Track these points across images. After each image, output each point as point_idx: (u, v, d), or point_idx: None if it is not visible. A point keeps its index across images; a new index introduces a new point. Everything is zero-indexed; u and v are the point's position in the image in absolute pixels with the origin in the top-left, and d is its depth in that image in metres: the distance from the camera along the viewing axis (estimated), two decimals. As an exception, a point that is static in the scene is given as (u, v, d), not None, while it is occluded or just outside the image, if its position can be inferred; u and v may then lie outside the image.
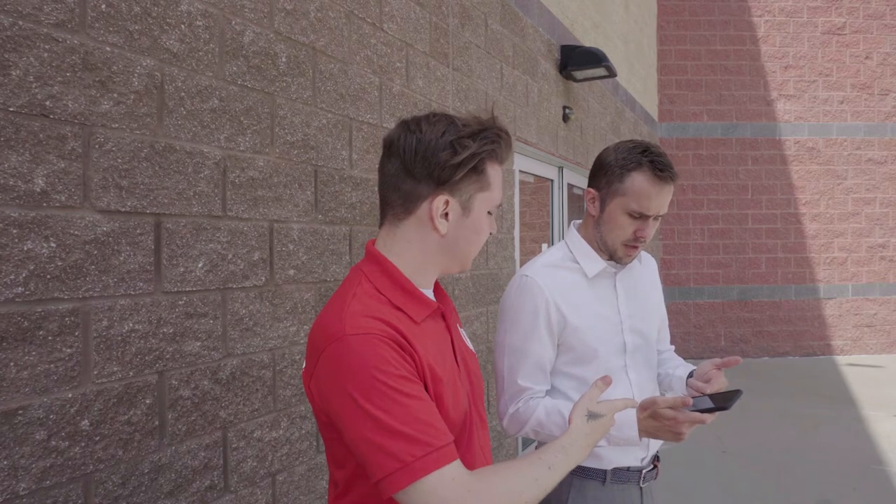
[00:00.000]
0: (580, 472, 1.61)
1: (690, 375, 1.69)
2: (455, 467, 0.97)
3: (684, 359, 8.75)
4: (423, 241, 1.12)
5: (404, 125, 1.11)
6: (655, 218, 1.56)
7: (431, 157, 1.07)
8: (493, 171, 1.14)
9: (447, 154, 1.06)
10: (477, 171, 1.10)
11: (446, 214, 1.10)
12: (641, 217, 1.54)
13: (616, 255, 1.61)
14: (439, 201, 1.09)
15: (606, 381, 1.23)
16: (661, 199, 1.53)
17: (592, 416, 1.17)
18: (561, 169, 5.11)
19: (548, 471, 1.06)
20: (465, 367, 1.19)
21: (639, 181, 1.52)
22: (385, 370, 0.96)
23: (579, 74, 4.82)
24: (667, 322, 1.91)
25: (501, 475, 1.01)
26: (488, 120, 1.12)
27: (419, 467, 0.94)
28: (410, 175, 1.09)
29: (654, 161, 1.51)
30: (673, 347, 1.93)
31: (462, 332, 1.28)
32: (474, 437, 1.15)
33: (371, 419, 0.95)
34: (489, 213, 1.16)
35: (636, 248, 1.58)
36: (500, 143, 1.12)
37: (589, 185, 1.66)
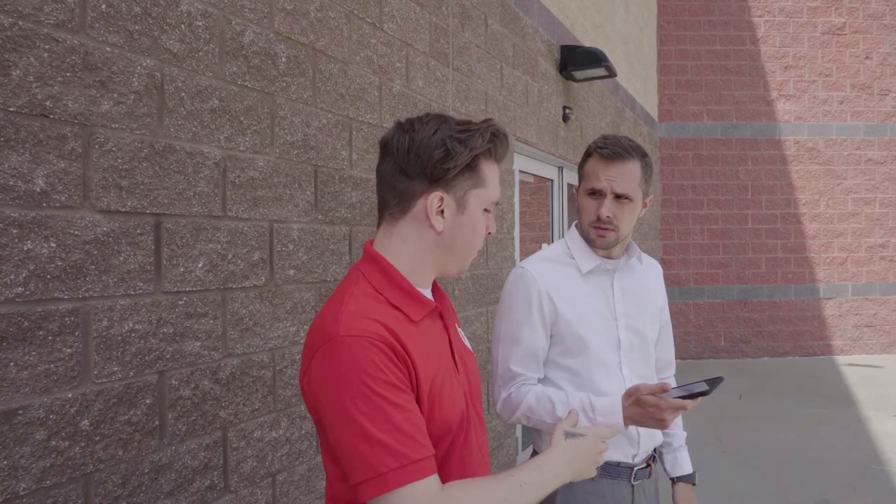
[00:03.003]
0: None
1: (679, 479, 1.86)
2: (428, 483, 0.98)
3: (683, 359, 8.77)
4: (420, 240, 1.13)
5: (398, 126, 1.13)
6: (617, 197, 1.63)
7: (424, 155, 1.08)
8: (488, 169, 1.15)
9: (440, 152, 1.08)
10: (471, 167, 1.11)
11: (442, 211, 1.11)
12: (598, 194, 1.64)
13: (589, 238, 1.69)
14: (433, 198, 1.10)
15: (574, 414, 1.31)
16: (608, 173, 1.62)
17: (570, 435, 1.19)
18: (561, 169, 5.12)
19: (519, 489, 1.05)
20: (463, 367, 1.20)
21: (591, 163, 1.68)
22: (374, 376, 0.97)
23: (579, 74, 4.82)
24: (672, 344, 1.91)
25: (471, 493, 1.01)
26: (484, 120, 1.14)
27: (392, 479, 0.95)
28: (404, 174, 1.10)
29: (600, 144, 1.65)
30: (672, 372, 1.93)
31: (460, 331, 1.29)
32: (471, 435, 1.16)
33: (354, 423, 0.96)
34: (486, 210, 1.17)
35: (604, 229, 1.65)
36: (494, 140, 1.13)
37: None
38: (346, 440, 0.97)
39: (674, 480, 1.86)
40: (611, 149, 1.62)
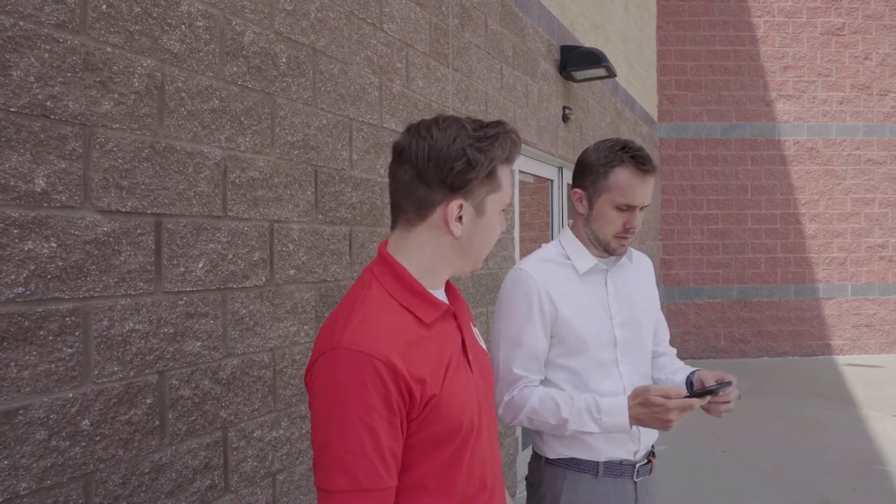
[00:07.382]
0: (573, 465, 1.65)
1: (690, 381, 1.73)
2: None
3: (683, 360, 8.77)
4: (437, 245, 1.13)
5: (415, 131, 1.11)
6: (641, 208, 1.64)
7: (444, 164, 1.07)
8: (503, 173, 1.15)
9: (461, 162, 1.07)
10: (489, 174, 1.11)
11: (460, 217, 1.11)
12: (629, 209, 1.63)
13: (609, 248, 1.68)
14: (454, 206, 1.10)
15: None
16: (644, 189, 1.62)
17: None
18: (561, 169, 5.12)
19: None
20: (478, 369, 1.20)
21: (623, 176, 1.61)
22: (362, 396, 0.98)
23: (579, 75, 4.83)
24: (664, 322, 1.95)
25: None
26: (497, 123, 1.13)
27: (339, 500, 0.98)
28: (424, 182, 1.09)
29: (634, 156, 1.61)
30: (674, 351, 1.95)
31: (475, 330, 1.29)
32: (483, 435, 1.16)
33: (327, 432, 0.99)
34: (501, 211, 1.18)
35: (627, 238, 1.67)
36: (514, 147, 1.13)
37: (574, 186, 1.73)
38: (317, 444, 1.01)
39: (689, 376, 1.74)
40: (647, 164, 1.60)
